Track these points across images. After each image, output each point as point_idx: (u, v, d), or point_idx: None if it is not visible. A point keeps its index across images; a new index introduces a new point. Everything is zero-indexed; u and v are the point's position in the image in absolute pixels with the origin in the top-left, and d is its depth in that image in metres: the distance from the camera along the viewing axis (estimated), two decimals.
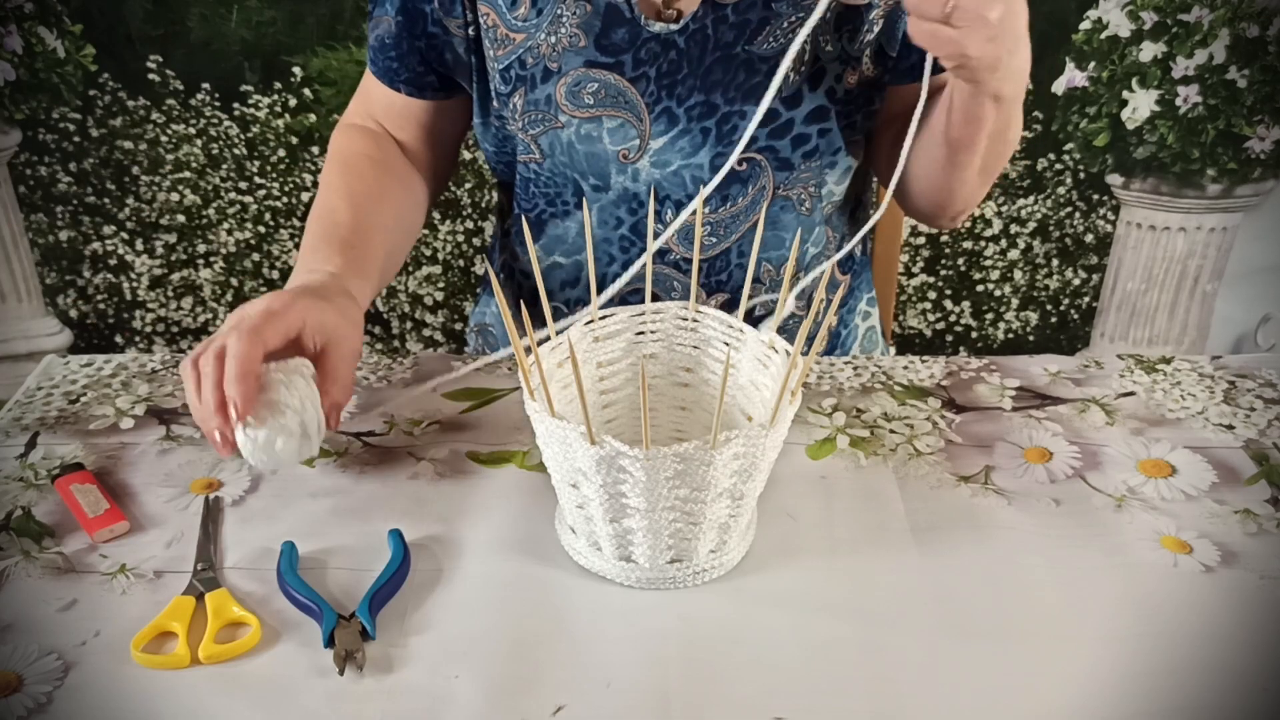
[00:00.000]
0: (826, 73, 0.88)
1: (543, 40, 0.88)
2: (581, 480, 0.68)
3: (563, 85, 0.88)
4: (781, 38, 0.86)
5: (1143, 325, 1.94)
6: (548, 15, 0.87)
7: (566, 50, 0.87)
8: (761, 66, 0.87)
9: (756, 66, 0.87)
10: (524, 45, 0.89)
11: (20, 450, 0.84)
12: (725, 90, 0.88)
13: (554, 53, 0.88)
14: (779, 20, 0.86)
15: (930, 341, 1.96)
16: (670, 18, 0.87)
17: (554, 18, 0.87)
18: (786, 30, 0.86)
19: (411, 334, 1.95)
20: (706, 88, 0.88)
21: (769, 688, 0.63)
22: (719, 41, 0.86)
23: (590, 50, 0.87)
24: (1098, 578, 0.71)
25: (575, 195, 0.95)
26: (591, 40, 0.87)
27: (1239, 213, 1.82)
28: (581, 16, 0.87)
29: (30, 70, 1.72)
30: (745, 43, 0.86)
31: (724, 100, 0.88)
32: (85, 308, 1.94)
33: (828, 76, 0.88)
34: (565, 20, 0.87)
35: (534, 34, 0.88)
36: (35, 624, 0.68)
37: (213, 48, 1.71)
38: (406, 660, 0.66)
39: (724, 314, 0.77)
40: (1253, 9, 1.63)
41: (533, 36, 0.88)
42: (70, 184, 1.82)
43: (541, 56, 0.88)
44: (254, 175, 1.82)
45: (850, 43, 0.88)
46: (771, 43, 0.86)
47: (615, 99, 0.88)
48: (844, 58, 0.88)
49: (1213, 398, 0.89)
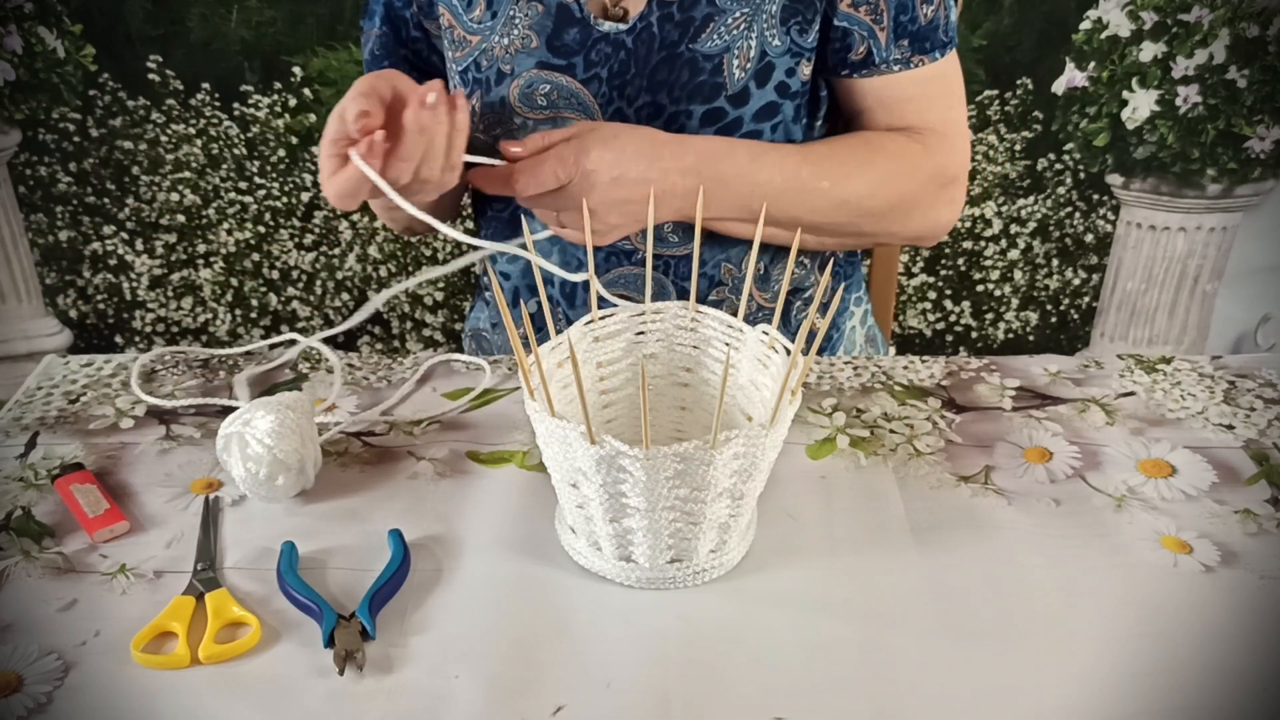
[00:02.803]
0: (776, 68, 0.88)
1: (496, 42, 0.88)
2: (581, 480, 0.68)
3: (515, 87, 0.89)
4: (726, 35, 0.86)
5: (1143, 325, 1.94)
6: (501, 17, 0.88)
7: (519, 52, 0.88)
8: (705, 65, 0.87)
9: (701, 65, 0.87)
10: (479, 48, 0.89)
11: (20, 450, 0.84)
12: (670, 90, 0.87)
13: (507, 55, 0.88)
14: (723, 17, 0.86)
15: (930, 341, 1.96)
16: (617, 16, 0.87)
17: (507, 19, 0.87)
18: (731, 27, 0.86)
19: (411, 334, 1.95)
20: (653, 88, 0.88)
21: (769, 688, 0.63)
22: (664, 40, 0.86)
23: (542, 51, 0.87)
24: (1098, 578, 0.71)
25: None
26: (543, 41, 0.87)
27: (1239, 212, 1.82)
28: (533, 17, 0.87)
29: (30, 70, 1.72)
30: (689, 41, 0.86)
31: (669, 100, 0.88)
32: (85, 308, 1.94)
33: (777, 71, 0.88)
34: (518, 22, 0.87)
35: (489, 36, 0.88)
36: (35, 624, 0.68)
37: (213, 48, 1.71)
38: (406, 660, 0.66)
39: (724, 314, 0.77)
40: (1253, 9, 1.63)
41: (487, 39, 0.88)
42: (70, 184, 1.82)
43: (495, 59, 0.88)
44: (254, 175, 1.82)
45: (801, 35, 0.87)
46: (716, 40, 0.86)
47: (568, 100, 0.89)
48: (795, 51, 0.88)
49: (1213, 398, 0.89)
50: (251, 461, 0.75)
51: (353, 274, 1.88)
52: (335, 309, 1.92)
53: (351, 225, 1.84)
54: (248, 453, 0.75)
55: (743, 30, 0.85)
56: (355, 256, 1.87)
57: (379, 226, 1.84)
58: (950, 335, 1.96)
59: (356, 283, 1.89)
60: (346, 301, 1.91)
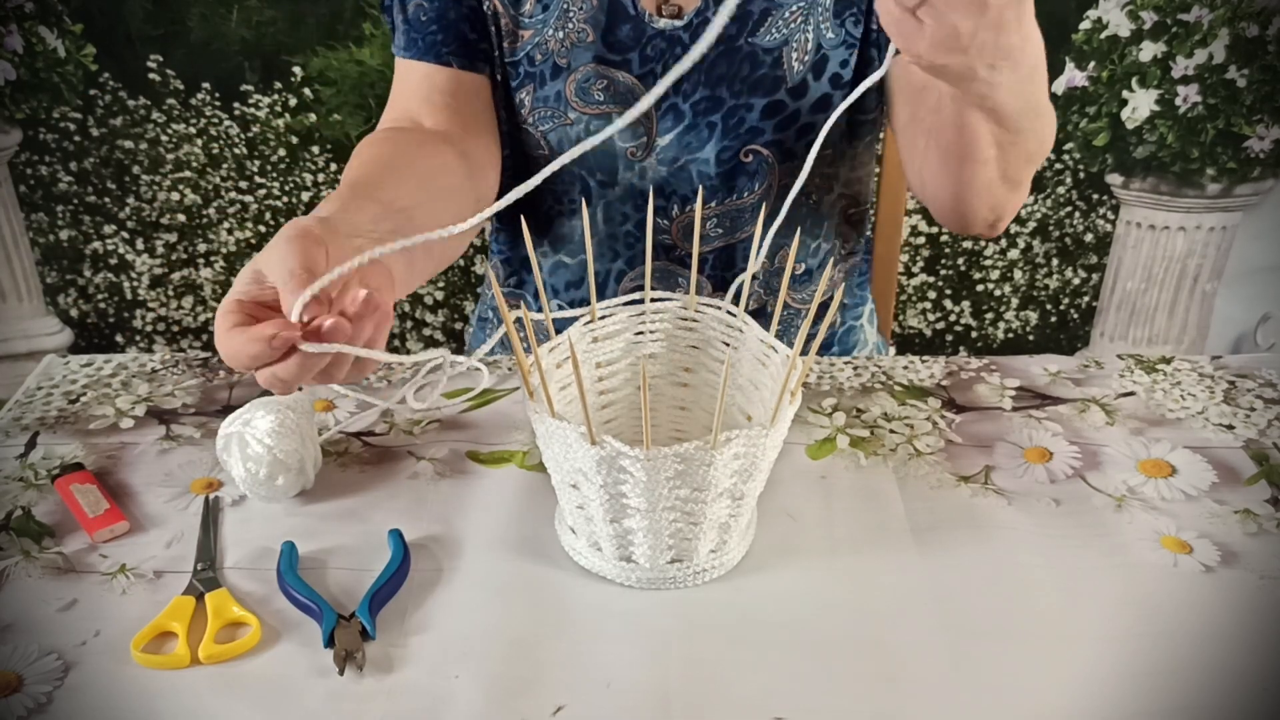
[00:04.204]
0: (830, 60, 0.88)
1: (550, 36, 0.88)
2: (582, 480, 0.68)
3: (572, 82, 0.88)
4: (784, 28, 0.86)
5: (1143, 325, 1.94)
6: (554, 10, 0.87)
7: (575, 46, 0.87)
8: (765, 58, 0.87)
9: (760, 59, 0.87)
10: (532, 41, 0.88)
11: (20, 450, 0.84)
12: (730, 84, 0.88)
13: (562, 49, 0.88)
14: (781, 11, 0.86)
15: (930, 341, 1.96)
16: (671, 14, 0.87)
17: (561, 12, 0.87)
18: (789, 20, 0.86)
19: (411, 333, 1.95)
20: (712, 82, 0.88)
21: (769, 688, 0.63)
22: (723, 35, 0.86)
23: (599, 46, 0.87)
24: (1098, 578, 0.71)
25: (582, 193, 0.95)
26: (599, 36, 0.87)
27: (1239, 212, 1.82)
28: (588, 11, 0.87)
29: (30, 70, 1.72)
30: (748, 35, 0.87)
31: (729, 94, 0.88)
32: (85, 307, 1.94)
33: (831, 63, 0.88)
34: (572, 15, 0.87)
35: (541, 29, 0.88)
36: (35, 624, 0.68)
37: (213, 47, 1.71)
38: (406, 660, 0.66)
39: (723, 314, 0.77)
40: (1253, 9, 1.63)
41: (540, 32, 0.88)
42: (70, 183, 1.82)
43: (550, 52, 0.88)
44: (254, 175, 1.81)
45: (855, 27, 0.88)
46: (774, 34, 0.87)
47: (625, 96, 0.88)
48: (849, 42, 0.88)
49: (1213, 398, 0.89)
50: (251, 461, 0.75)
51: None
52: None
53: None
54: (248, 453, 0.75)
55: (800, 24, 0.86)
56: None
57: None
58: (950, 335, 1.96)
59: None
60: None
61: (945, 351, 1.96)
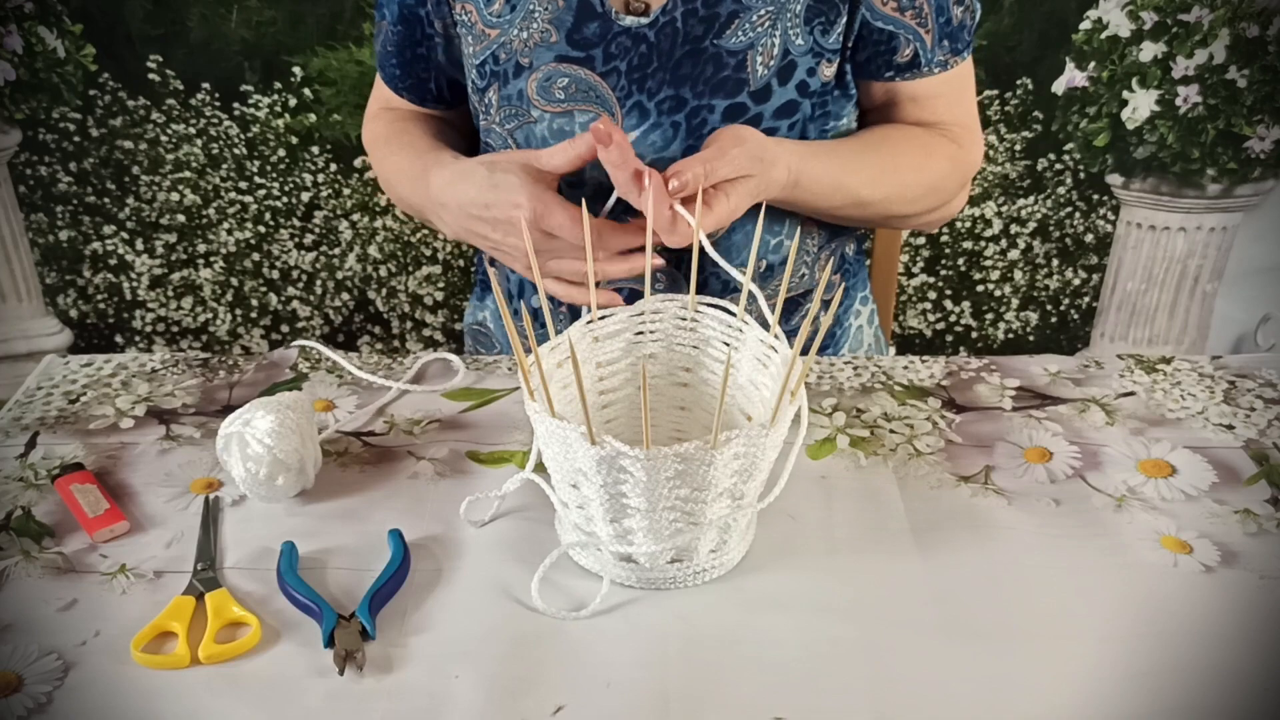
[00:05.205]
0: (798, 67, 0.88)
1: (515, 35, 0.88)
2: (582, 480, 0.67)
3: (534, 80, 0.89)
4: (751, 31, 0.86)
5: (1143, 325, 1.94)
6: (520, 10, 0.88)
7: (538, 45, 0.88)
8: (729, 60, 0.87)
9: (725, 60, 0.87)
10: (498, 41, 0.89)
11: (20, 450, 0.84)
12: (694, 84, 0.88)
13: (525, 48, 0.88)
14: (748, 14, 0.86)
15: (930, 341, 1.96)
16: (638, 10, 0.87)
17: (526, 12, 0.88)
18: (756, 24, 0.86)
19: (412, 334, 1.95)
20: (675, 81, 0.88)
21: (769, 688, 0.63)
22: (688, 35, 0.87)
23: (561, 45, 0.88)
24: (1098, 578, 0.71)
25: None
26: (563, 35, 0.87)
27: (1239, 212, 1.81)
28: (553, 11, 0.87)
29: (30, 70, 1.72)
30: (714, 37, 0.87)
31: (693, 94, 0.88)
32: (85, 307, 1.94)
33: (798, 70, 0.88)
34: (537, 15, 0.87)
35: (507, 29, 0.89)
36: (35, 624, 0.68)
37: (213, 48, 1.71)
38: (406, 660, 0.66)
39: (723, 313, 0.77)
40: (1253, 9, 1.63)
41: (506, 32, 0.89)
42: (70, 184, 1.82)
43: (514, 52, 0.89)
44: (254, 175, 1.81)
45: (824, 36, 0.88)
46: (740, 36, 0.86)
47: (586, 93, 0.89)
48: (817, 51, 0.88)
49: (1213, 398, 0.89)
50: (251, 461, 0.75)
51: (353, 274, 1.88)
52: (335, 309, 1.92)
53: (351, 225, 1.84)
54: (248, 453, 0.75)
55: (767, 28, 0.86)
56: (355, 256, 1.87)
57: (378, 226, 1.84)
58: (950, 335, 1.96)
59: (356, 283, 1.89)
60: (346, 301, 1.91)
61: (945, 352, 1.96)
